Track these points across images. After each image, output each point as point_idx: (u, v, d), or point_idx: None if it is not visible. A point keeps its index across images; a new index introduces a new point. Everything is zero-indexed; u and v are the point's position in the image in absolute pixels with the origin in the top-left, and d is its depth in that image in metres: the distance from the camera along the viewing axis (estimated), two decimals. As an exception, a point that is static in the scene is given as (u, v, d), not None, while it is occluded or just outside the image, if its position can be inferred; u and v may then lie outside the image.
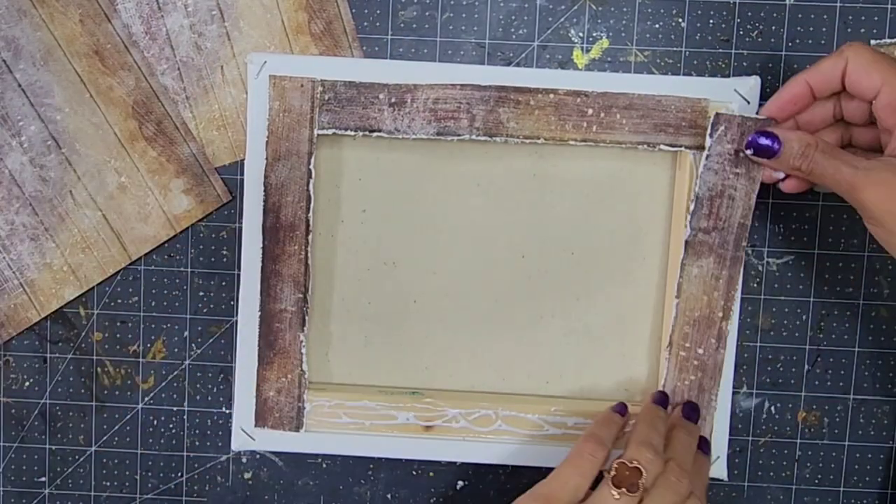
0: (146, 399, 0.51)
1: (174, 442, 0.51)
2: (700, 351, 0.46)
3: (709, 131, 0.45)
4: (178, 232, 0.49)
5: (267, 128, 0.47)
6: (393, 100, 0.46)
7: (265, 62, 0.47)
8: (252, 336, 0.48)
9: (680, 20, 0.48)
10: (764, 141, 0.43)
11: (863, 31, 0.48)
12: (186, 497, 0.51)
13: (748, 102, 0.46)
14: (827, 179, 0.41)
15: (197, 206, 0.49)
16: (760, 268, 0.49)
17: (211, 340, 0.50)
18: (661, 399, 0.46)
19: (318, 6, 0.48)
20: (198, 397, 0.50)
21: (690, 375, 0.47)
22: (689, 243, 0.46)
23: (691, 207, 0.46)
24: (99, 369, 0.50)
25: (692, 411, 0.46)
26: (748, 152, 0.44)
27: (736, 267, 0.46)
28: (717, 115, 0.45)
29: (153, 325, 0.50)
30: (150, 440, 0.51)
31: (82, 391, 0.51)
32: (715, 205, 0.45)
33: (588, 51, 0.48)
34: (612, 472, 0.40)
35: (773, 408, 0.50)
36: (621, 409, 0.46)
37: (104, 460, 0.51)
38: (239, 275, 0.48)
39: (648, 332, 0.49)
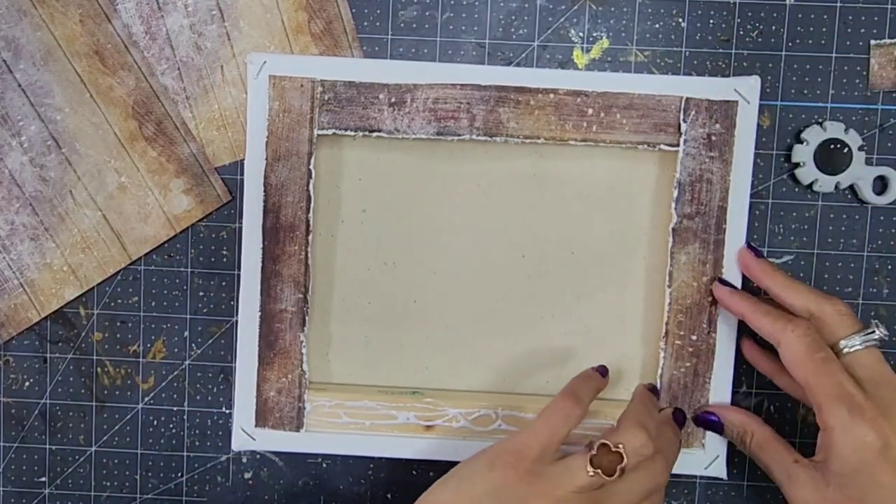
0: (146, 399, 0.51)
1: (174, 442, 0.51)
2: (694, 337, 0.47)
3: (682, 117, 0.46)
4: (178, 232, 0.49)
5: (267, 128, 0.47)
6: (393, 100, 0.46)
7: (265, 62, 0.47)
8: (252, 336, 0.48)
9: (680, 20, 0.48)
10: (709, 419, 0.46)
11: (863, 31, 0.48)
12: (186, 497, 0.51)
13: (748, 102, 0.46)
14: (765, 469, 0.44)
15: (197, 206, 0.49)
16: (760, 268, 0.49)
17: (211, 340, 0.50)
18: (654, 390, 0.47)
19: (318, 6, 0.48)
20: (198, 397, 0.50)
21: (686, 363, 0.47)
22: (676, 230, 0.46)
23: (675, 194, 0.46)
24: (99, 369, 0.50)
25: (681, 417, 0.46)
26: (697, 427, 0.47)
27: (720, 250, 0.47)
28: (688, 100, 0.46)
29: (153, 325, 0.50)
30: (150, 440, 0.51)
31: (82, 391, 0.51)
32: (696, 189, 0.46)
33: (588, 51, 0.48)
34: (594, 452, 0.39)
35: (772, 407, 0.50)
36: (602, 370, 0.45)
37: (104, 460, 0.51)
38: (239, 275, 0.48)
39: (648, 331, 0.49)
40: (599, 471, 0.39)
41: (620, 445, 0.39)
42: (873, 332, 0.41)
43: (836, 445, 0.39)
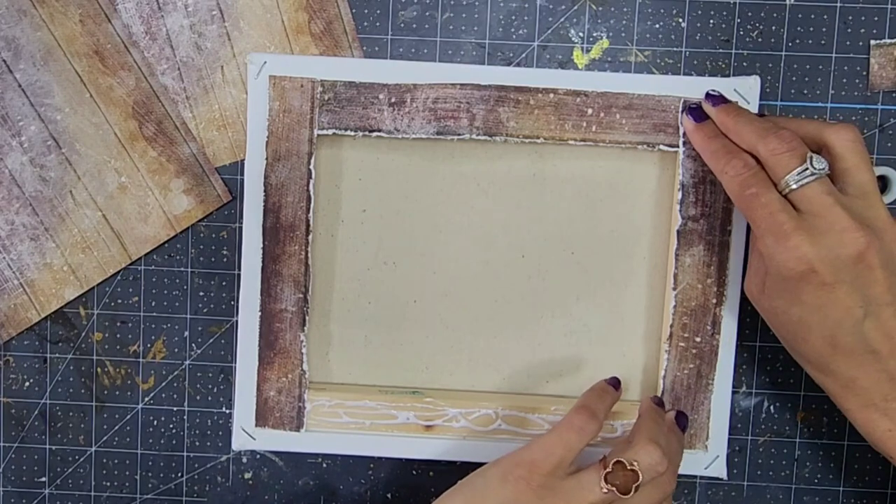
0: (146, 399, 0.51)
1: (174, 442, 0.51)
2: (697, 339, 0.47)
3: (680, 119, 0.46)
4: (178, 232, 0.49)
5: (267, 128, 0.47)
6: (393, 100, 0.46)
7: (265, 62, 0.47)
8: (252, 336, 0.48)
9: (680, 20, 0.48)
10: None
11: (863, 31, 0.48)
12: (186, 497, 0.51)
13: (748, 102, 0.46)
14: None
15: (197, 206, 0.49)
16: (760, 268, 0.49)
17: (211, 340, 0.50)
18: (661, 403, 0.47)
19: (318, 6, 0.48)
20: (198, 397, 0.50)
21: (689, 364, 0.47)
22: (681, 233, 0.46)
23: (678, 196, 0.46)
24: (99, 369, 0.50)
25: (683, 420, 0.46)
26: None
27: (725, 252, 0.46)
28: (685, 101, 0.46)
29: (153, 325, 0.50)
30: (150, 440, 0.51)
31: (82, 391, 0.51)
32: (699, 191, 0.46)
33: (588, 51, 0.48)
34: (608, 470, 0.39)
35: (772, 407, 0.50)
36: (615, 382, 0.45)
37: (104, 460, 0.51)
38: (239, 275, 0.48)
39: (649, 331, 0.49)
40: (614, 489, 0.39)
41: (635, 463, 0.39)
42: (806, 168, 0.40)
43: (767, 267, 0.41)
